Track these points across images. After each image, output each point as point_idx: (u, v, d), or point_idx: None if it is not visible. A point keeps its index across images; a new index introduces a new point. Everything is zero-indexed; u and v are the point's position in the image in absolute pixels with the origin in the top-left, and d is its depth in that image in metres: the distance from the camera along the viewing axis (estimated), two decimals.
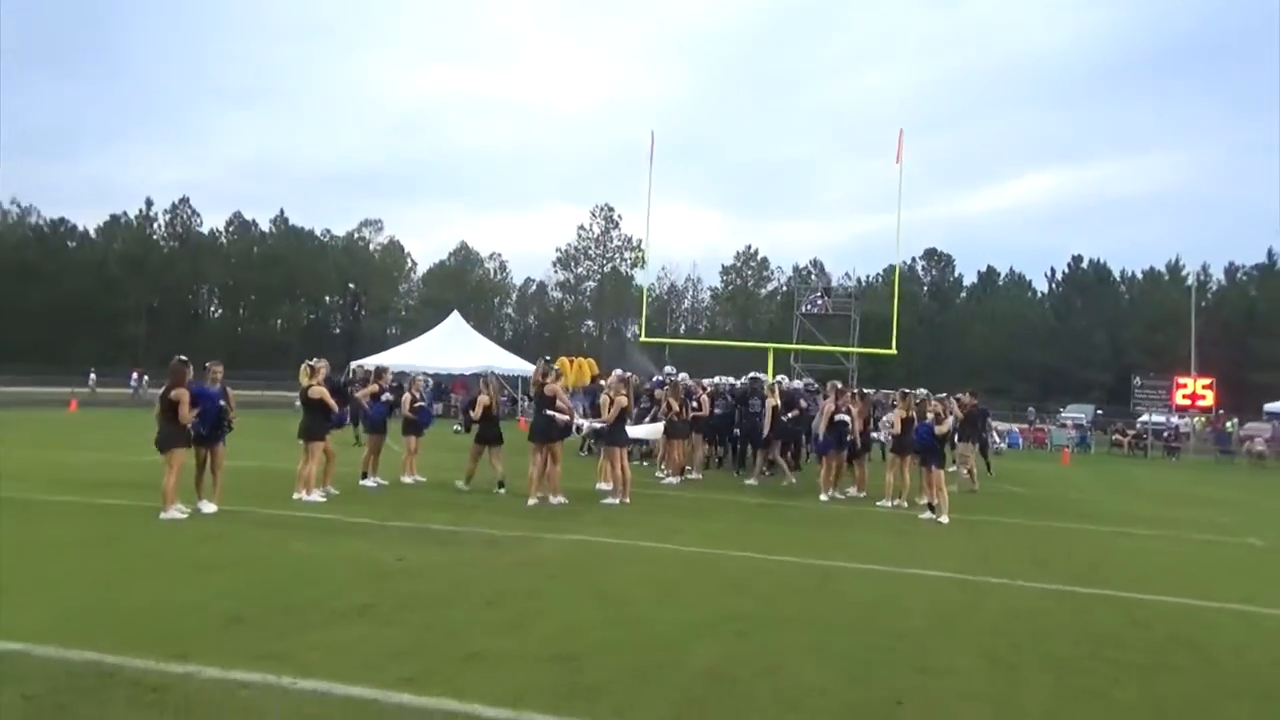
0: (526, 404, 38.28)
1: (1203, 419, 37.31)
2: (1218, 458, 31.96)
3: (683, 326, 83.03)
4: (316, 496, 10.70)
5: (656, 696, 4.48)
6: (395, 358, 35.96)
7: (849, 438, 13.63)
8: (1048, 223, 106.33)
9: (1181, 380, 33.17)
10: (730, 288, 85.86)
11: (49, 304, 67.88)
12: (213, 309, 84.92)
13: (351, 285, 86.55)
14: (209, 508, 9.41)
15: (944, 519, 11.28)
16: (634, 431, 13.65)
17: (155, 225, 79.34)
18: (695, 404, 15.37)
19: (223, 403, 9.55)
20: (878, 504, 12.81)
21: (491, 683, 4.52)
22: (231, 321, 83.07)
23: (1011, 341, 72.37)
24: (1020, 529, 11.50)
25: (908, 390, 13.59)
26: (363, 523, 9.32)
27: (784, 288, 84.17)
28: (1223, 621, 6.92)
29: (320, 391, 10.80)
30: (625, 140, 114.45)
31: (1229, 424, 37.51)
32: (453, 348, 37.03)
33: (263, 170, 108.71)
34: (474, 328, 45.36)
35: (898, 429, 12.95)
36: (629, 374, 14.77)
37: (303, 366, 11.15)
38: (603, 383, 43.55)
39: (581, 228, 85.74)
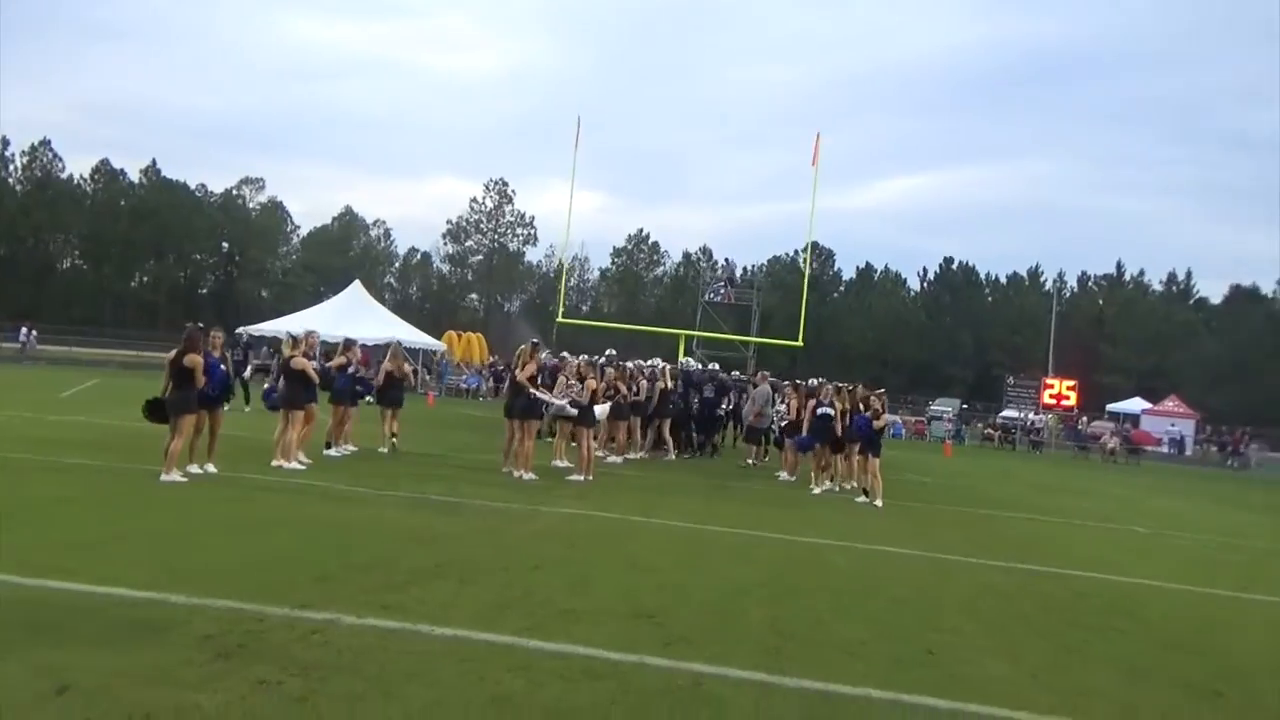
0: (427, 377, 38.23)
1: (1056, 416, 40.78)
2: (1075, 453, 35.02)
3: (582, 306, 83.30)
4: (295, 464, 10.90)
5: (740, 646, 5.23)
6: (293, 325, 35.13)
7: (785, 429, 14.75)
8: (923, 224, 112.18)
9: (1049, 381, 36.12)
10: (619, 269, 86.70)
11: None
12: (68, 262, 79.62)
13: (225, 245, 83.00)
14: (210, 469, 9.60)
15: (879, 503, 12.44)
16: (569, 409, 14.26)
17: (11, 168, 73.66)
18: (634, 388, 16.13)
19: (223, 367, 9.68)
20: (812, 489, 13.91)
21: (599, 635, 5.15)
22: (92, 276, 78.03)
23: (884, 336, 76.24)
24: (945, 514, 12.80)
25: (824, 381, 14.87)
26: (361, 491, 9.67)
27: (673, 273, 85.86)
28: (1144, 594, 8.21)
29: (302, 363, 10.98)
30: (516, 114, 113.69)
31: (1080, 422, 41.21)
32: (354, 317, 36.37)
33: (132, 116, 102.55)
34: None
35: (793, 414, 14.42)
36: (598, 359, 15.38)
37: (284, 337, 11.28)
38: (493, 358, 43.44)
39: (474, 200, 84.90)
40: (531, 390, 11.79)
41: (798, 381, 16.57)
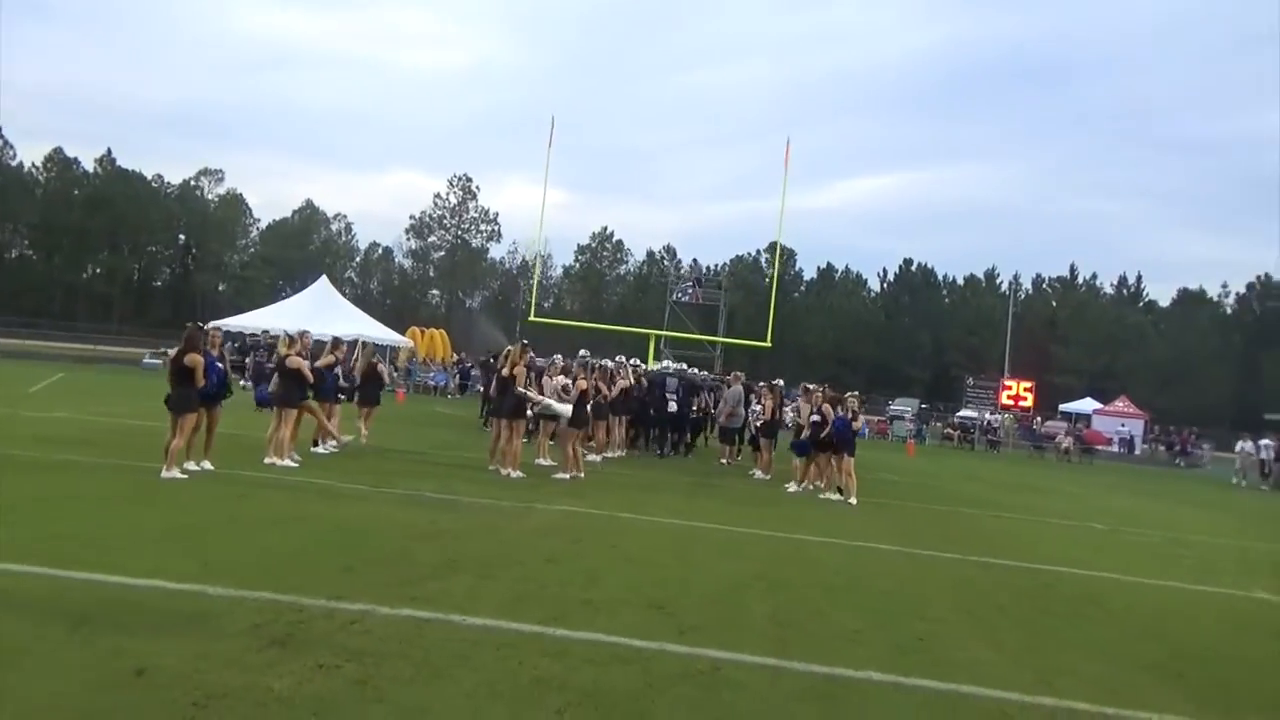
0: (394, 373, 38.17)
1: (1012, 416, 41.88)
2: (1031, 452, 36.05)
3: (544, 303, 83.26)
4: (288, 462, 11.08)
5: (748, 634, 5.62)
6: (259, 320, 34.94)
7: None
8: (884, 225, 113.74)
9: (1007, 383, 37.11)
10: (583, 267, 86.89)
11: None
12: (15, 251, 77.71)
13: (182, 237, 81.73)
14: (206, 466, 9.79)
15: (853, 500, 12.92)
16: (563, 409, 14.59)
17: None
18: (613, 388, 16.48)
19: (221, 365, 9.86)
20: (786, 486, 14.37)
21: (618, 624, 5.51)
22: (42, 267, 76.23)
23: (844, 336, 77.40)
24: (916, 511, 13.33)
25: (809, 386, 15.31)
26: (357, 488, 9.91)
27: (636, 271, 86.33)
28: (1106, 586, 8.76)
29: (297, 362, 11.16)
30: (476, 110, 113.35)
31: (1035, 422, 42.40)
32: (320, 313, 36.23)
33: (86, 104, 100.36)
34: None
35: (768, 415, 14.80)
36: (588, 358, 15.70)
37: (281, 335, 11.45)
38: (459, 356, 43.39)
39: (438, 196, 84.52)
40: (519, 389, 12.08)
41: (774, 383, 17.02)
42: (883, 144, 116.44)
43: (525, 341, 12.56)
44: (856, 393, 14.08)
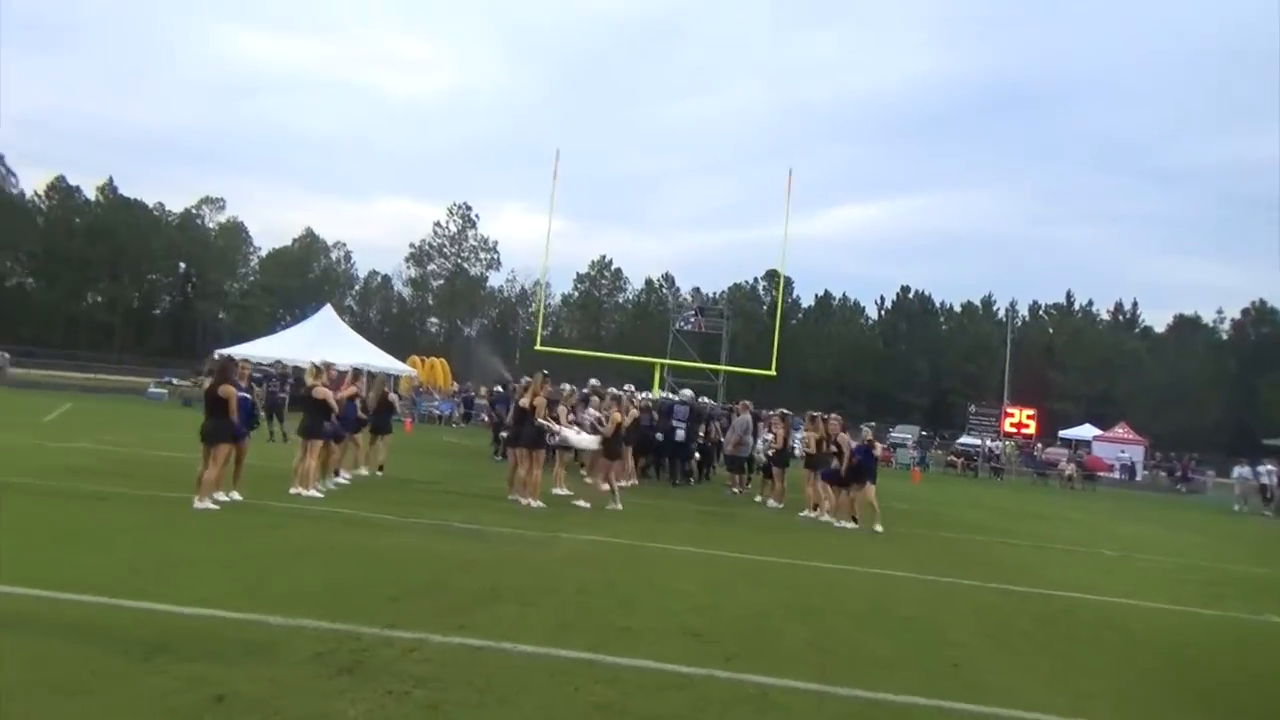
0: (399, 402, 38.28)
1: (1014, 444, 42.09)
2: (1034, 479, 36.21)
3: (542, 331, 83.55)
4: (313, 492, 11.24)
5: (787, 660, 5.78)
6: (265, 349, 35.10)
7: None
8: (881, 253, 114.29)
9: (1009, 410, 37.35)
10: (582, 295, 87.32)
11: None
12: (13, 280, 77.84)
13: (182, 265, 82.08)
14: (235, 496, 9.98)
15: (878, 528, 13.05)
16: (578, 441, 14.75)
17: None
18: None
19: (249, 397, 10.05)
20: (800, 515, 14.52)
21: (662, 651, 5.67)
22: (43, 296, 76.36)
23: (843, 363, 77.71)
24: (928, 539, 13.49)
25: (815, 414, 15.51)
26: (385, 518, 10.07)
27: (635, 299, 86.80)
28: (1123, 611, 8.92)
29: (324, 392, 11.34)
30: (470, 138, 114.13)
31: (1035, 448, 42.62)
32: (325, 342, 36.41)
33: (87, 134, 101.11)
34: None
35: (812, 448, 14.78)
36: (619, 391, 15.93)
37: (309, 365, 11.66)
38: (458, 385, 43.53)
39: (437, 224, 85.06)
40: (539, 420, 12.26)
41: (784, 412, 17.20)
42: (876, 171, 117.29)
43: (546, 372, 12.75)
44: (872, 424, 14.26)
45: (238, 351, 35.15)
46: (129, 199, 78.07)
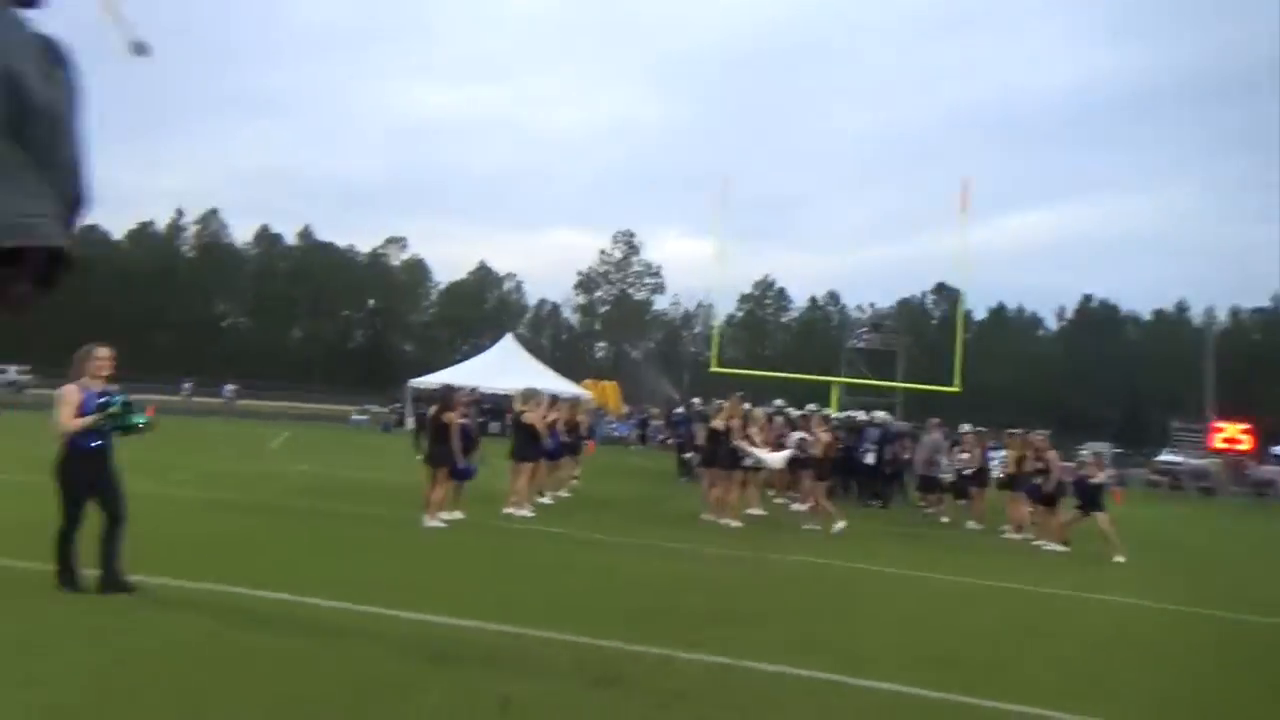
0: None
1: (1224, 460, 38.70)
2: (1251, 499, 33.18)
3: (707, 353, 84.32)
4: (525, 512, 11.79)
5: (1042, 680, 5.62)
6: (452, 377, 37.02)
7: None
8: (1056, 260, 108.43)
9: (1218, 424, 34.48)
10: (746, 315, 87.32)
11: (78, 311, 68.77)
12: (229, 321, 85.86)
13: (371, 301, 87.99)
14: (458, 515, 10.70)
15: (1120, 558, 12.11)
16: (772, 460, 14.72)
17: (185, 235, 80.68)
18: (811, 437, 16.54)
19: (468, 423, 10.73)
20: (1003, 536, 13.96)
21: (910, 676, 5.56)
22: (255, 334, 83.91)
23: (1022, 377, 73.91)
24: (1163, 562, 12.63)
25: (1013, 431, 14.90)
26: (599, 538, 10.49)
27: (799, 317, 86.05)
28: None
29: (532, 417, 11.94)
30: (624, 165, 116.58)
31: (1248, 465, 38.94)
32: (507, 369, 38.10)
33: (287, 183, 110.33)
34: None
35: (1012, 467, 14.19)
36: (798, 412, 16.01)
37: (522, 392, 12.38)
38: (630, 408, 44.22)
39: (603, 252, 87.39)
40: (736, 442, 12.40)
41: (979, 429, 16.60)
42: (1045, 176, 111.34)
43: (741, 394, 12.90)
44: (1047, 434, 13.58)
45: (431, 380, 37.44)
46: (324, 242, 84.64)
